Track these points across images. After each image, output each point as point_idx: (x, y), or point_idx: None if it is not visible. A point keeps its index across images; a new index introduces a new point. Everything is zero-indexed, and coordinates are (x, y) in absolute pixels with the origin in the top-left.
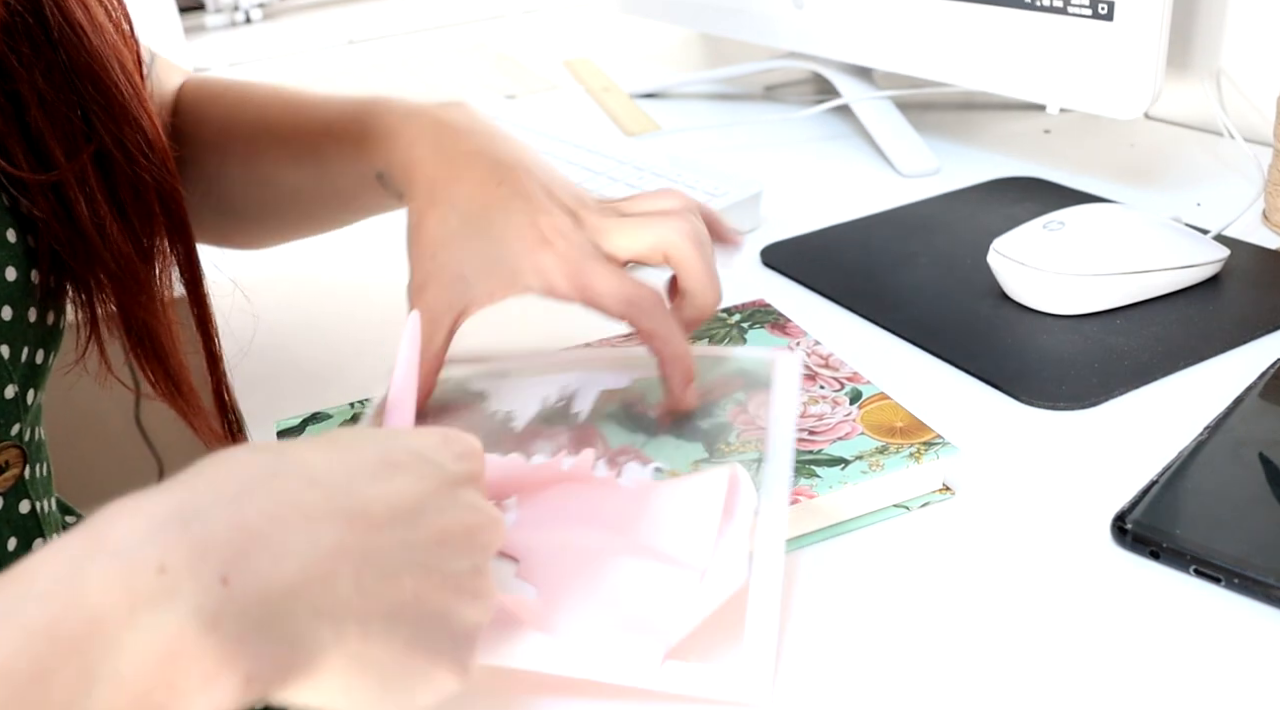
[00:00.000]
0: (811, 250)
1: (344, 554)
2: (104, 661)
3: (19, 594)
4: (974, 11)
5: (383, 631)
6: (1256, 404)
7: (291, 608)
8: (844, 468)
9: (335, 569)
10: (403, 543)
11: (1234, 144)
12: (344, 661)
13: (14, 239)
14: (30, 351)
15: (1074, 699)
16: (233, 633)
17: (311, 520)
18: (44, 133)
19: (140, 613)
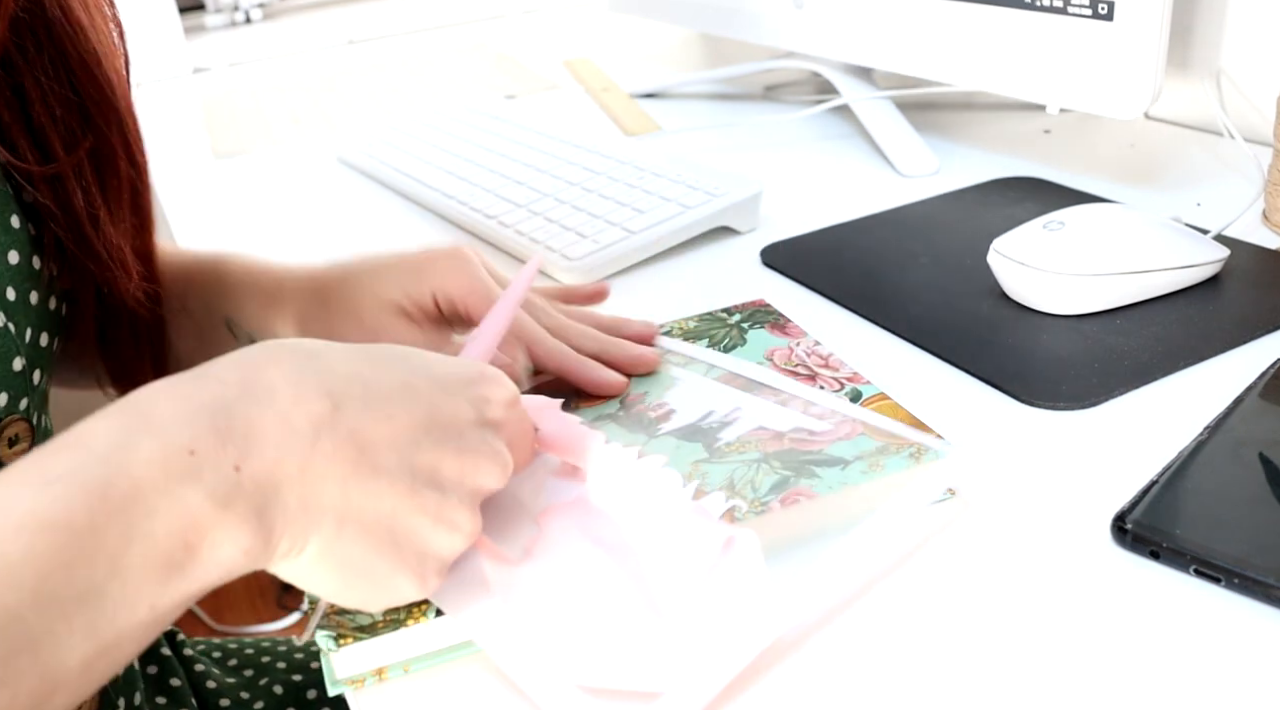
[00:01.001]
0: (811, 250)
1: (336, 462)
2: (142, 522)
3: (79, 457)
4: (974, 11)
5: (355, 534)
6: (1256, 404)
7: (285, 498)
8: (844, 468)
9: (326, 473)
10: (395, 463)
11: (1234, 144)
12: (319, 550)
13: (17, 225)
14: (35, 333)
15: (1074, 699)
16: (238, 511)
17: (316, 428)
18: (45, 126)
19: (172, 485)
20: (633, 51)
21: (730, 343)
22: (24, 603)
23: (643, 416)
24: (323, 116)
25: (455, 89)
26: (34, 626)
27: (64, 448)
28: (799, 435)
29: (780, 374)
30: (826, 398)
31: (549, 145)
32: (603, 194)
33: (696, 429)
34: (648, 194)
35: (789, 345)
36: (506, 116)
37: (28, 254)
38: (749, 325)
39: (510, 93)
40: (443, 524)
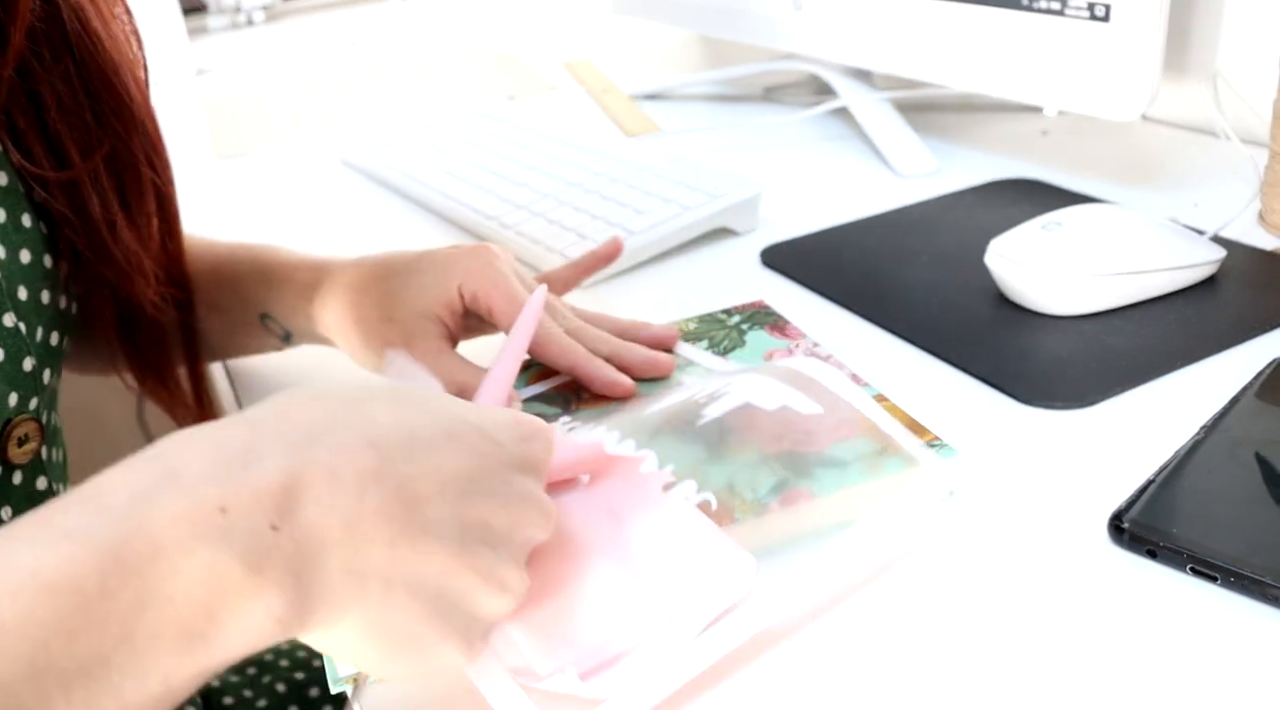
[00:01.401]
0: (810, 251)
1: (385, 519)
2: (160, 585)
3: (93, 512)
4: (972, 13)
5: (402, 601)
6: (1253, 403)
7: (326, 560)
8: (843, 469)
9: (373, 533)
10: (445, 517)
11: (1230, 145)
12: (361, 618)
13: (29, 224)
14: (45, 332)
15: (1071, 698)
16: (272, 576)
17: (362, 482)
18: (61, 133)
19: (198, 546)
20: (633, 53)
21: (730, 344)
22: (17, 673)
23: (634, 409)
24: (325, 118)
25: (456, 90)
26: (25, 700)
27: (80, 501)
28: (789, 418)
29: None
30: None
31: (549, 146)
32: (603, 195)
33: (684, 407)
34: (647, 195)
35: (789, 346)
36: (507, 118)
37: (39, 253)
38: (748, 326)
39: (511, 94)
40: (492, 584)
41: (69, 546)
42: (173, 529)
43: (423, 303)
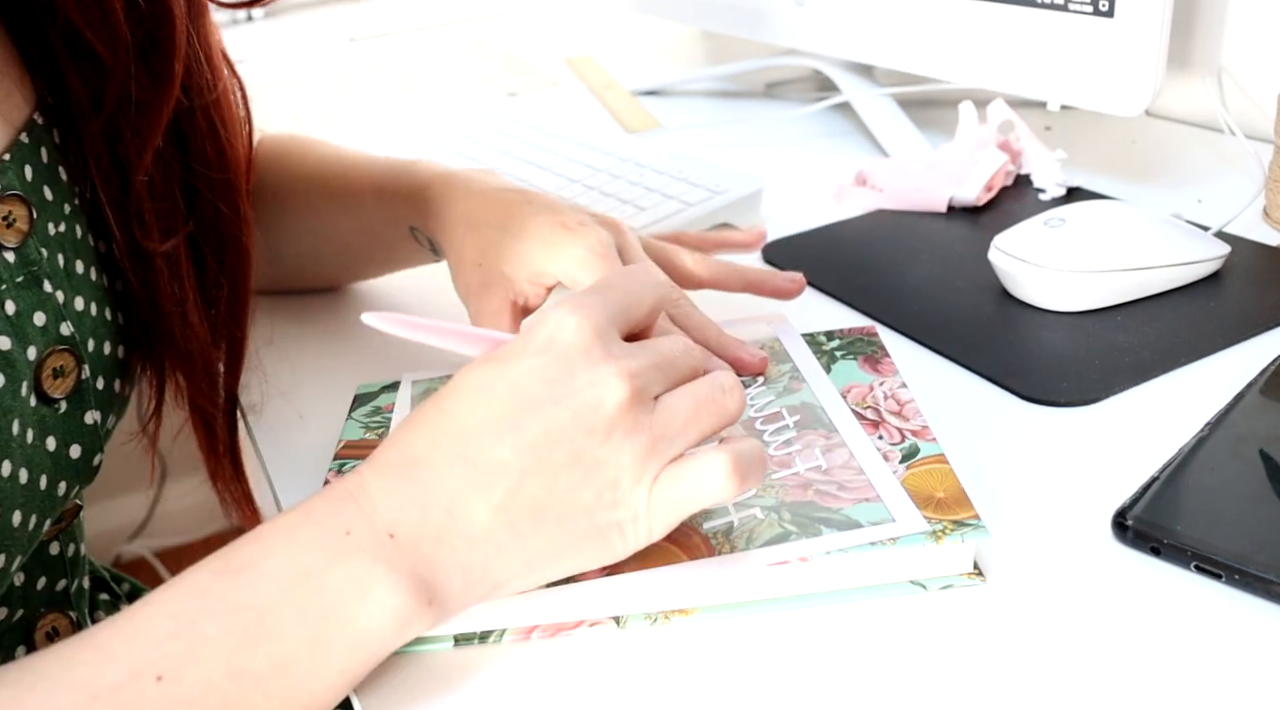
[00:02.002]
0: (812, 247)
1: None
2: (314, 597)
3: (259, 551)
4: (975, 8)
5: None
6: (1257, 400)
7: (447, 538)
8: (851, 533)
9: (463, 484)
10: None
11: (1235, 141)
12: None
13: (110, 317)
14: (108, 418)
15: (1075, 696)
16: (405, 570)
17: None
18: (145, 209)
19: (336, 564)
20: (634, 49)
21: (820, 366)
22: (220, 674)
23: None
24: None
25: (457, 86)
26: (232, 695)
27: (246, 543)
28: (826, 488)
29: (848, 413)
30: (873, 460)
31: (550, 142)
32: (604, 191)
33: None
34: (649, 191)
35: (870, 383)
36: (508, 114)
37: (115, 343)
38: (842, 354)
39: (512, 90)
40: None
41: (246, 575)
42: (311, 555)
43: (511, 267)
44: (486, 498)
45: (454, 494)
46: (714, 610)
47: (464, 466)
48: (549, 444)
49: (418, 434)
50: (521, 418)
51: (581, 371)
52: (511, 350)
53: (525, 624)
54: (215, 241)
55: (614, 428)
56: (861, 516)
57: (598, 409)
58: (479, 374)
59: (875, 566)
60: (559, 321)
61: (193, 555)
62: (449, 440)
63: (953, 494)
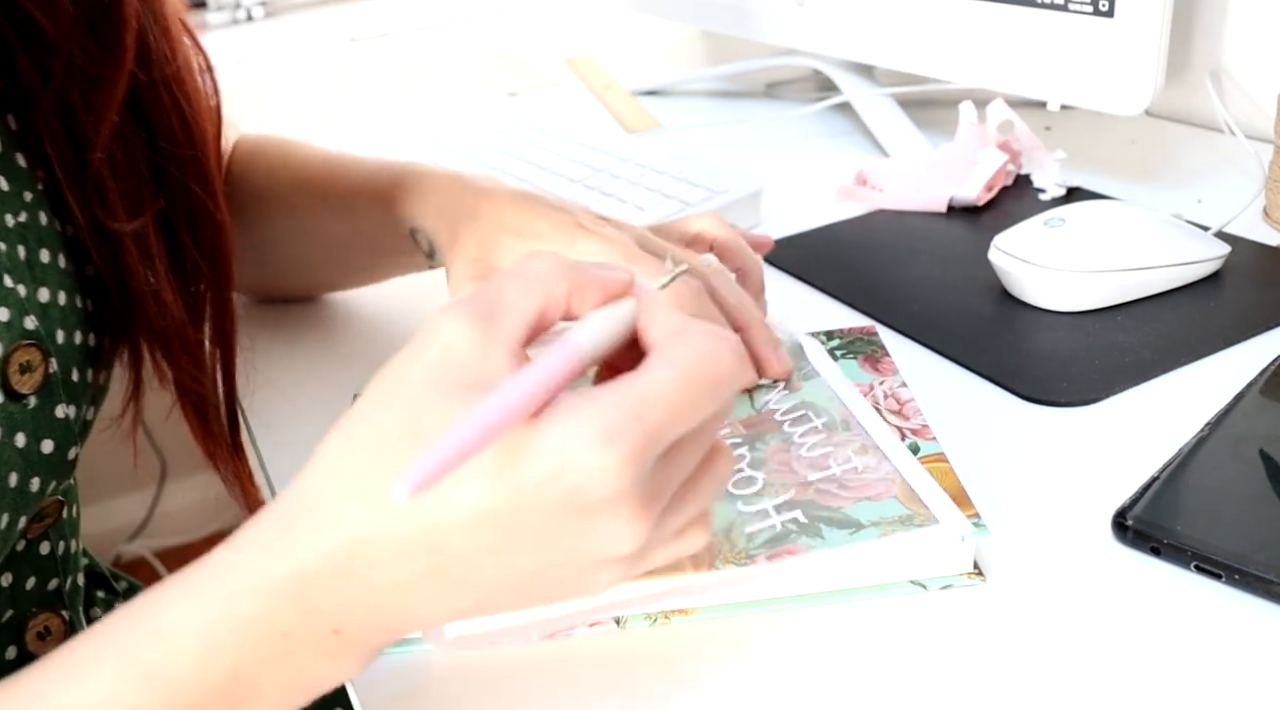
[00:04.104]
0: (812, 247)
1: (430, 582)
2: (249, 695)
3: (169, 655)
4: (975, 8)
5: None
6: (1257, 400)
7: (399, 626)
8: (854, 532)
9: (428, 593)
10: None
11: (1235, 141)
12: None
13: (80, 304)
14: (84, 409)
15: (1075, 695)
16: (352, 657)
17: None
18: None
19: (271, 667)
20: (634, 49)
21: (830, 364)
22: None
23: None
24: (324, 114)
25: (457, 87)
26: None
27: (152, 640)
28: (826, 486)
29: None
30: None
31: (550, 142)
32: (604, 191)
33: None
34: (649, 191)
35: (870, 383)
36: (508, 114)
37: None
38: (842, 354)
39: (512, 90)
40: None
41: (159, 684)
42: (243, 660)
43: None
44: (446, 605)
45: (413, 600)
46: (714, 610)
47: (431, 582)
48: (531, 577)
49: (385, 534)
50: (513, 555)
51: (601, 529)
52: (529, 483)
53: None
54: (188, 220)
55: (608, 568)
56: (863, 515)
57: (601, 557)
58: (483, 496)
59: (875, 567)
60: (593, 471)
61: (193, 554)
62: (422, 556)
63: (953, 493)
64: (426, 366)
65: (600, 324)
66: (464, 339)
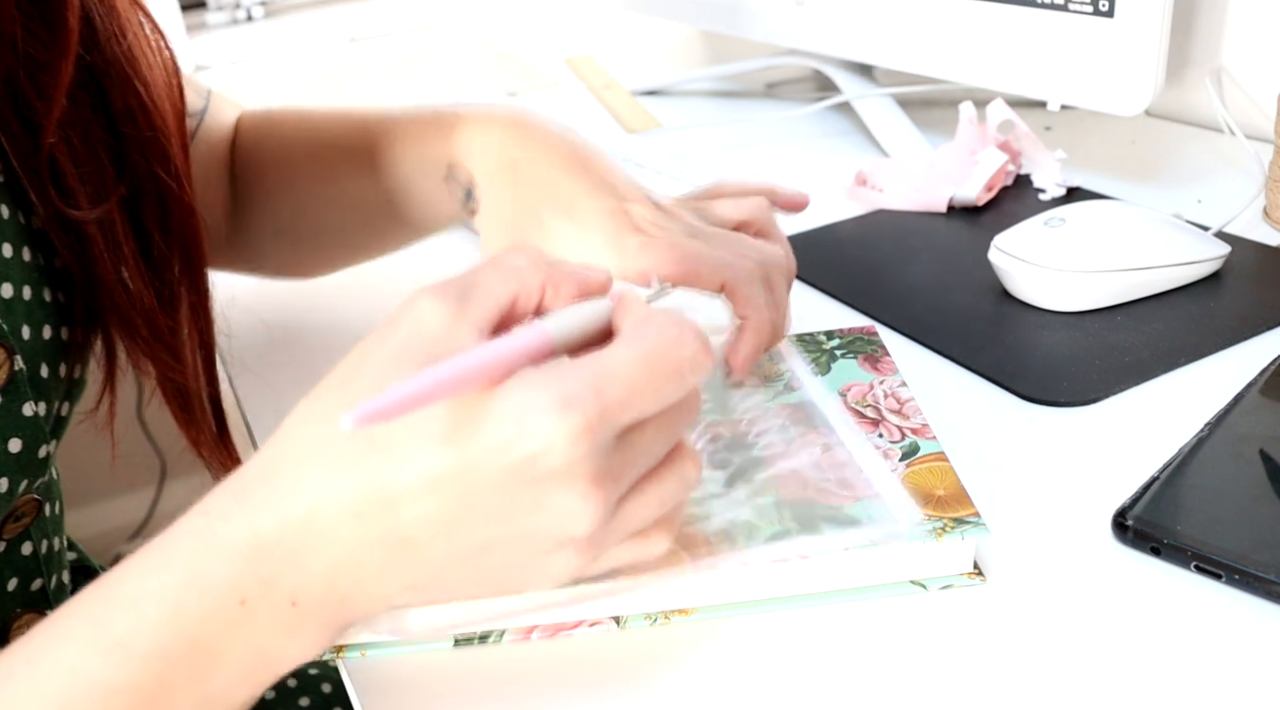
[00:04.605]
0: (812, 247)
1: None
2: (211, 667)
3: (134, 621)
4: (975, 8)
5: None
6: (1257, 400)
7: (354, 601)
8: (855, 530)
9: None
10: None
11: (1235, 141)
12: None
13: (48, 297)
14: (58, 405)
15: (1075, 695)
16: (309, 633)
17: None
18: (67, 175)
19: (232, 634)
20: (634, 49)
21: (818, 370)
22: None
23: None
24: None
25: (457, 86)
26: None
27: (117, 608)
28: (826, 486)
29: (846, 414)
30: (871, 458)
31: None
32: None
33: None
34: None
35: (870, 382)
36: None
37: (57, 325)
38: (842, 353)
39: (512, 90)
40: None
41: (121, 655)
42: (203, 627)
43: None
44: (399, 580)
45: (367, 573)
46: (714, 610)
47: (384, 550)
48: (483, 552)
49: (342, 497)
50: (464, 525)
51: (553, 502)
52: (483, 449)
53: (525, 624)
54: (155, 205)
55: (562, 551)
56: (862, 514)
57: (554, 537)
58: (436, 460)
59: (875, 566)
60: (548, 439)
61: None
62: (376, 520)
63: (953, 492)
64: (396, 341)
65: (571, 313)
66: (434, 315)
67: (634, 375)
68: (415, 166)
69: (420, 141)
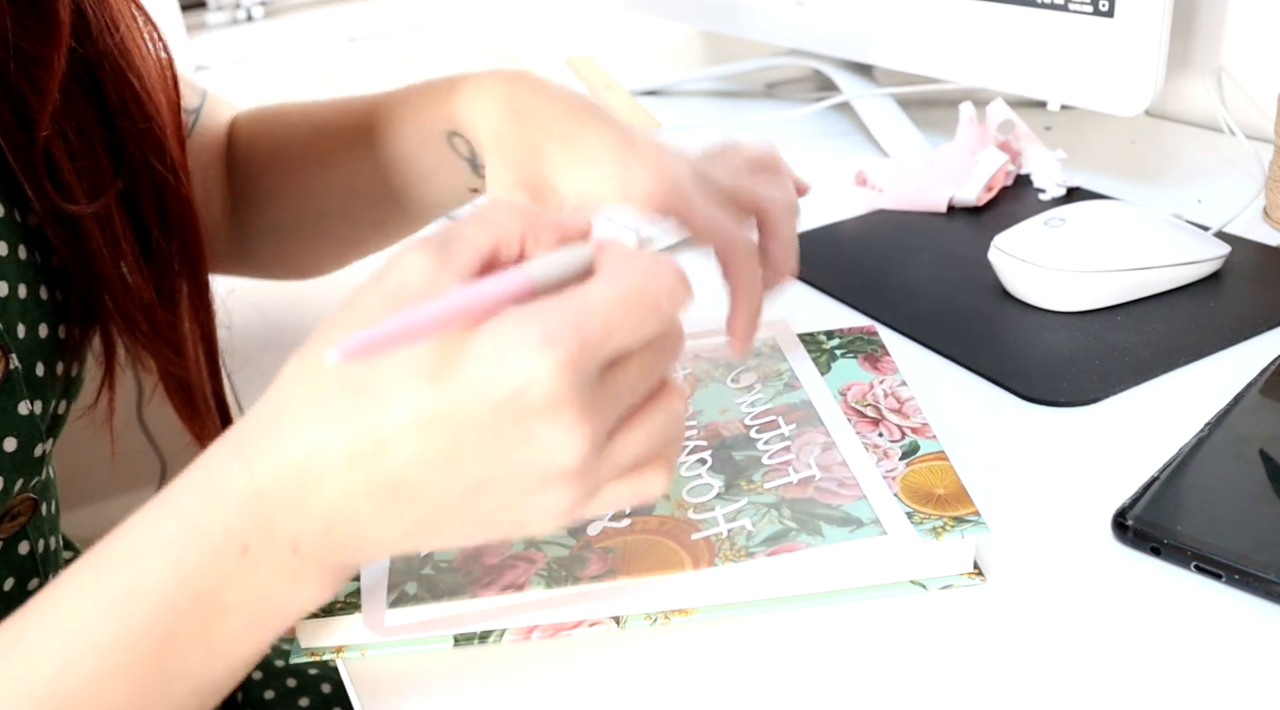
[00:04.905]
0: (812, 247)
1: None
2: (218, 616)
3: (138, 574)
4: (975, 8)
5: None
6: (1257, 400)
7: (354, 546)
8: (854, 530)
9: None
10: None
11: (1235, 140)
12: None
13: (45, 295)
14: (55, 404)
15: (1074, 695)
16: (312, 580)
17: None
18: (63, 170)
19: (236, 582)
20: (634, 49)
21: (815, 370)
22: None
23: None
24: None
25: None
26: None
27: (121, 562)
28: (826, 463)
29: (846, 413)
30: (871, 458)
31: None
32: None
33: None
34: None
35: (870, 381)
36: None
37: (54, 324)
38: (842, 353)
39: None
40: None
41: (128, 607)
42: (206, 577)
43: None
44: (395, 524)
45: (363, 517)
46: (714, 610)
47: (379, 492)
48: (475, 491)
49: (335, 442)
50: (455, 464)
51: (540, 435)
52: (468, 386)
53: (525, 624)
54: (152, 198)
55: (553, 486)
56: (862, 513)
57: (543, 471)
58: (423, 400)
59: (875, 566)
60: (531, 372)
61: None
62: (368, 463)
63: (953, 490)
64: (383, 293)
65: (553, 257)
66: (418, 266)
67: (612, 308)
68: (415, 138)
69: (419, 110)
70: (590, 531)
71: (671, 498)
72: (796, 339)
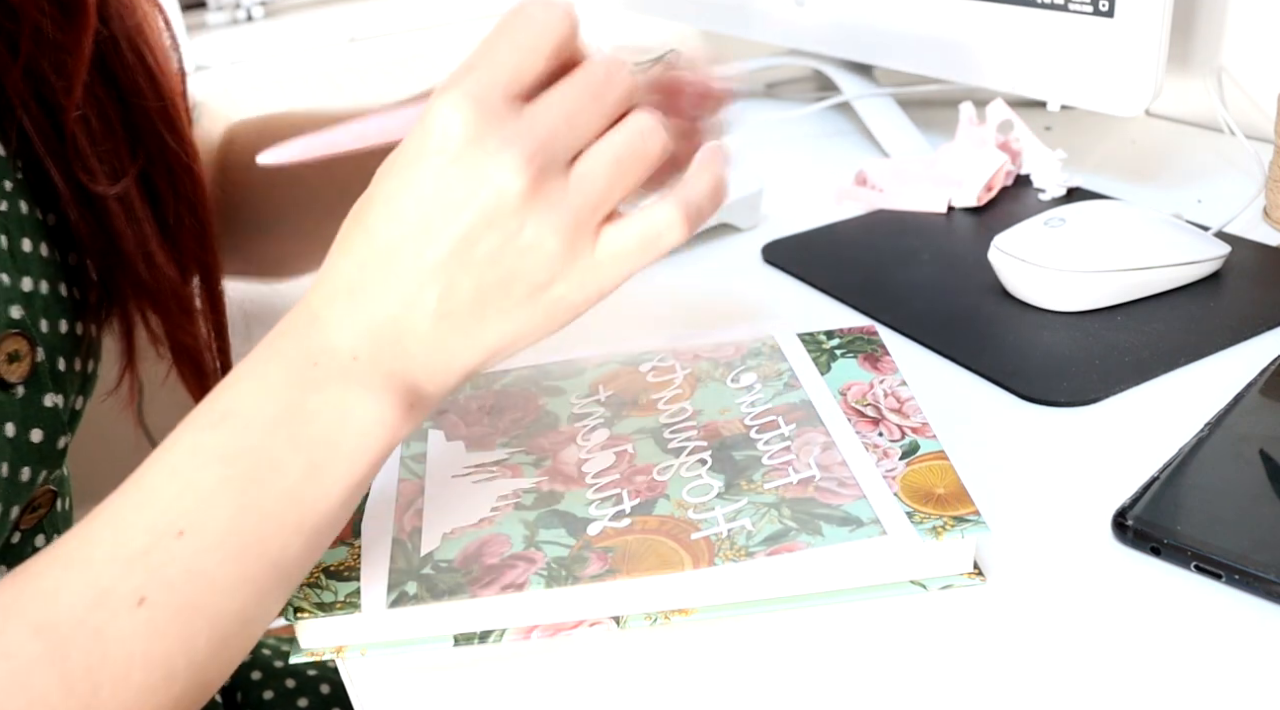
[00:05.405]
0: (813, 247)
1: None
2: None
3: (235, 398)
4: (975, 8)
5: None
6: (1257, 400)
7: (405, 347)
8: (854, 530)
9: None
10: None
11: (1235, 140)
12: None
13: (64, 293)
14: (72, 399)
15: (1074, 696)
16: (378, 385)
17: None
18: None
19: (313, 393)
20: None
21: (818, 369)
22: (233, 517)
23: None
24: None
25: None
26: (249, 533)
27: (221, 390)
28: (826, 462)
29: (846, 413)
30: (871, 457)
31: None
32: None
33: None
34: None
35: (870, 381)
36: None
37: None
38: (842, 353)
39: None
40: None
41: (230, 426)
42: (292, 393)
43: None
44: (423, 309)
45: (394, 312)
46: (714, 610)
47: (396, 284)
48: (467, 246)
49: (348, 259)
50: (434, 228)
51: (478, 167)
52: (410, 153)
53: (525, 624)
54: (166, 175)
55: (526, 214)
56: (862, 513)
57: (503, 201)
58: (386, 186)
59: (875, 566)
60: (443, 115)
61: None
62: (374, 260)
63: (953, 490)
64: None
65: None
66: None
67: (504, 50)
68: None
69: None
70: (590, 531)
71: (671, 498)
72: (796, 339)
